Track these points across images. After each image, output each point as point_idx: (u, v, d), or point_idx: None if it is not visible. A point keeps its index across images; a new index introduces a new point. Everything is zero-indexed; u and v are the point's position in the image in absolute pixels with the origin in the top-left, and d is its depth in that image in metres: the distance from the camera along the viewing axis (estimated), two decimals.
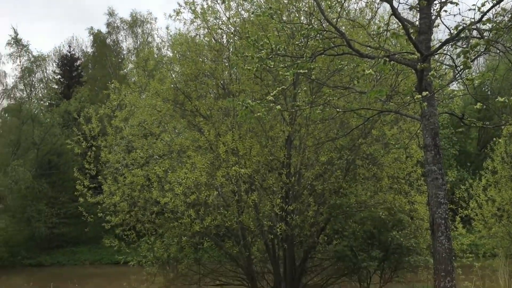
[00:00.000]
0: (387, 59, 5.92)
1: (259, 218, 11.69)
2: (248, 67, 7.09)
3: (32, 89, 45.40)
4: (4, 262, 35.87)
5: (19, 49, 42.27)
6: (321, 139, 11.92)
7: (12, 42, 41.48)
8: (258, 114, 6.14)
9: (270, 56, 6.73)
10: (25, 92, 44.38)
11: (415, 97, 6.17)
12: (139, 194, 12.62)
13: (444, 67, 9.01)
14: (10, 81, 65.40)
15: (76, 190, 13.66)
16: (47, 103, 42.82)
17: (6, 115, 43.34)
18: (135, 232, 13.33)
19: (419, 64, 6.22)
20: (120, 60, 45.20)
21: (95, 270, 34.67)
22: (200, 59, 12.56)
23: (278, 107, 6.49)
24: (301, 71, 6.54)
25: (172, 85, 12.82)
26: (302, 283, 13.00)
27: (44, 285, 25.20)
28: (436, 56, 7.80)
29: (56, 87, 44.45)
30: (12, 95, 44.70)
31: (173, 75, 13.79)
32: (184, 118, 13.19)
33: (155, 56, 19.52)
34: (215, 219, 10.95)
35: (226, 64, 12.76)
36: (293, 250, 12.37)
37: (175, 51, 13.51)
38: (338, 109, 8.05)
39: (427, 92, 6.07)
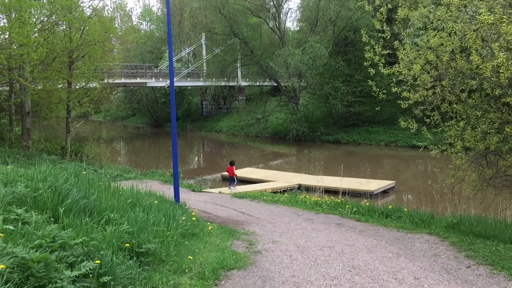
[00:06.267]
0: None
1: None
2: None
3: None
4: (305, 137, 38.30)
5: None
6: None
7: None
8: None
9: None
10: None
11: None
12: (448, 63, 9.31)
13: None
14: None
15: (367, 61, 11.17)
16: None
17: None
18: (439, 114, 10.27)
19: None
20: None
21: (390, 151, 33.39)
22: None
23: None
24: None
25: None
26: None
27: (336, 161, 25.15)
28: None
29: None
30: None
31: None
32: None
33: None
34: None
35: None
36: None
37: None
38: None
39: None
